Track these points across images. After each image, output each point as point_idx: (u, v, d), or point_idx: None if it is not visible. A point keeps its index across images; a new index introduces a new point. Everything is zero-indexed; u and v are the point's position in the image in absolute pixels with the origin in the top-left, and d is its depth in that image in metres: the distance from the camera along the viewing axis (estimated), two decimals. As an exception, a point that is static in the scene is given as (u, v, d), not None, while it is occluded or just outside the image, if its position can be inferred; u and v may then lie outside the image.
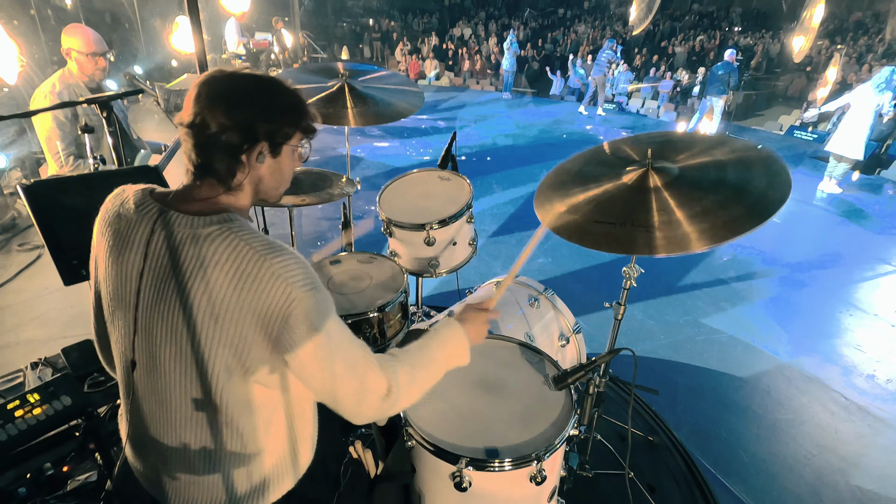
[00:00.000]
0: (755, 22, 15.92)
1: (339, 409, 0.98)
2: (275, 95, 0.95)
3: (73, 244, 1.56)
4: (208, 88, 0.91)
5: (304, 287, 0.89)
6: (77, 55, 2.48)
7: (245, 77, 0.94)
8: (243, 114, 0.91)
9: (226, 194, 0.96)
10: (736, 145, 1.63)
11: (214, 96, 0.90)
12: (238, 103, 0.91)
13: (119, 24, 10.85)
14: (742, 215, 1.36)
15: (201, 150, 0.92)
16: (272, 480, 1.05)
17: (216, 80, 0.92)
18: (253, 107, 0.92)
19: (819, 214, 6.05)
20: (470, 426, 1.38)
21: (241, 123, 0.91)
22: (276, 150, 0.97)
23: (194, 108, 0.90)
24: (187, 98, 0.92)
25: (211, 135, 0.90)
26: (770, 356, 3.35)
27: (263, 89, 0.94)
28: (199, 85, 0.92)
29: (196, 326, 0.90)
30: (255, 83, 0.94)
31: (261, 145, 0.94)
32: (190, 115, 0.90)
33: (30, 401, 1.45)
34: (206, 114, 0.89)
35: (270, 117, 0.94)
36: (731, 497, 2.32)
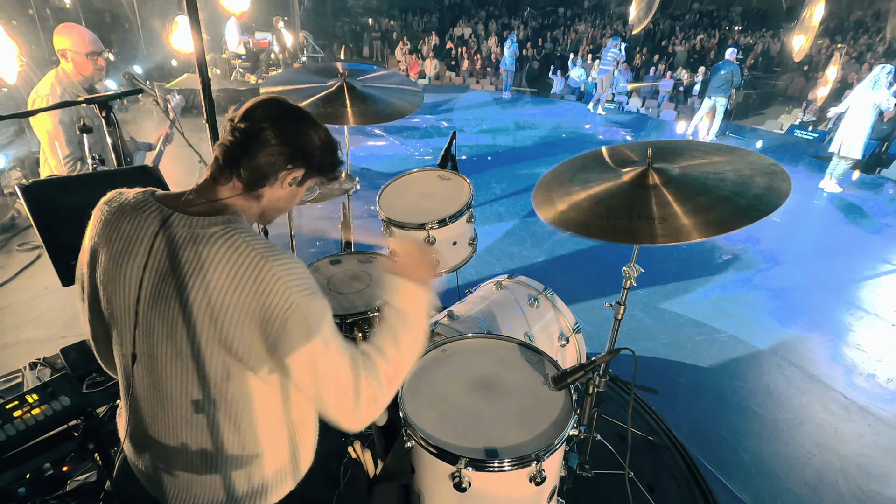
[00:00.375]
0: (755, 21, 15.91)
1: (329, 417, 0.96)
2: (327, 134, 1.04)
3: (72, 245, 1.55)
4: (278, 105, 0.99)
5: (303, 291, 0.89)
6: (74, 55, 2.43)
7: (305, 111, 1.03)
8: (303, 138, 0.99)
9: (242, 198, 0.98)
10: (740, 155, 1.64)
11: (284, 113, 0.98)
12: (302, 128, 0.99)
13: (119, 23, 10.85)
14: (738, 210, 1.37)
15: (248, 150, 0.95)
16: (272, 483, 1.05)
17: (285, 103, 1.00)
18: (311, 137, 1.00)
19: (819, 214, 6.04)
20: (469, 426, 1.38)
21: (299, 146, 0.98)
22: (304, 181, 1.02)
23: (258, 113, 0.96)
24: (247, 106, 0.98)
25: (267, 142, 0.95)
26: (770, 356, 3.35)
27: (320, 126, 1.03)
28: (267, 100, 0.99)
29: (195, 326, 0.90)
30: (314, 119, 1.03)
31: (300, 171, 1.00)
32: (251, 119, 0.96)
33: (28, 401, 1.44)
34: (269, 124, 0.95)
35: (322, 150, 1.01)
36: (731, 497, 2.32)
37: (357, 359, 0.96)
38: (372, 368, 0.97)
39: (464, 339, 1.72)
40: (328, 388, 0.92)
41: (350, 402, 0.93)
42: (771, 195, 1.41)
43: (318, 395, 0.93)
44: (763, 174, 1.50)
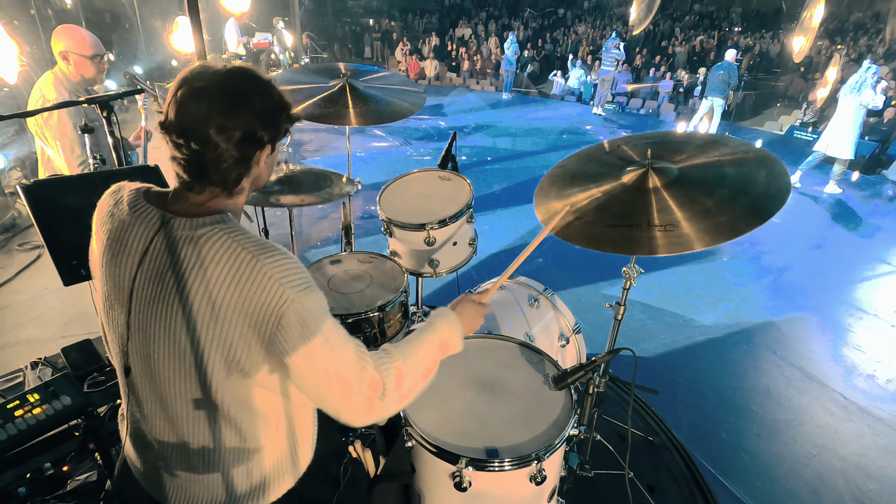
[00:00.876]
0: (755, 22, 15.92)
1: (335, 413, 0.96)
2: (268, 93, 0.92)
3: (73, 244, 1.56)
4: (201, 98, 0.86)
5: (297, 287, 0.88)
6: (77, 58, 2.41)
7: (232, 78, 0.89)
8: (248, 122, 0.88)
9: (225, 198, 0.96)
10: (735, 146, 1.63)
11: (212, 108, 0.86)
12: (239, 111, 0.87)
13: (119, 23, 10.85)
14: (742, 215, 1.36)
15: (208, 164, 0.89)
16: (272, 480, 1.05)
17: (205, 90, 0.86)
18: (255, 112, 0.89)
19: (819, 214, 6.05)
20: (470, 426, 1.38)
21: (249, 133, 0.89)
22: (274, 146, 0.98)
23: (192, 122, 0.86)
24: (171, 105, 0.86)
25: (220, 151, 0.87)
26: (770, 356, 3.35)
27: (256, 89, 0.91)
28: (188, 95, 0.86)
29: (192, 327, 0.90)
30: (246, 83, 0.90)
31: (268, 147, 0.95)
32: (188, 130, 0.86)
33: (30, 400, 1.45)
34: (208, 129, 0.86)
35: (272, 120, 0.93)
36: (730, 497, 2.32)
37: (363, 351, 0.96)
38: (386, 361, 0.98)
39: (464, 338, 1.72)
40: (329, 381, 0.91)
41: (353, 394, 0.93)
42: (772, 190, 1.40)
43: (319, 390, 0.93)
44: (762, 172, 1.49)
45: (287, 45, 12.67)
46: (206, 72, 0.89)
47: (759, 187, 1.43)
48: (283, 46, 12.52)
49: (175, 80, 0.88)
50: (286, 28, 12.36)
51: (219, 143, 0.87)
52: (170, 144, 0.88)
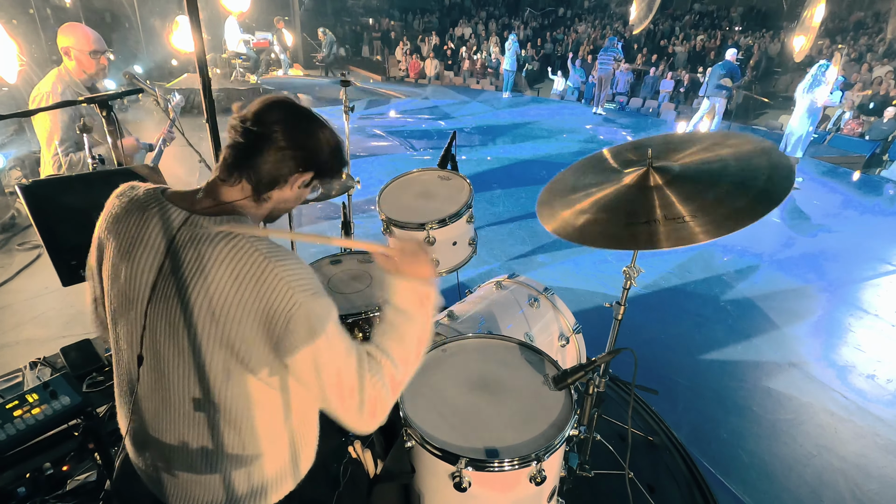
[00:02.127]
0: (756, 21, 15.91)
1: (337, 418, 0.96)
2: (334, 136, 1.04)
3: (72, 244, 1.56)
4: (288, 106, 0.98)
5: (307, 292, 0.89)
6: (78, 54, 2.45)
7: (313, 111, 1.02)
8: (314, 142, 0.99)
9: (250, 200, 0.98)
10: (735, 139, 1.63)
11: (295, 115, 0.97)
12: (313, 131, 0.99)
13: (119, 23, 10.84)
14: (745, 206, 1.35)
15: (258, 153, 0.95)
16: (273, 483, 1.05)
17: (295, 105, 0.99)
18: (321, 140, 1.00)
19: (818, 214, 6.04)
20: (469, 426, 1.38)
21: (309, 149, 0.98)
22: (311, 183, 1.03)
23: (269, 115, 0.95)
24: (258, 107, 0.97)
25: (278, 145, 0.95)
26: (770, 356, 3.35)
27: (328, 128, 1.03)
28: (277, 101, 0.98)
29: (196, 325, 0.91)
30: (323, 121, 1.03)
31: (309, 174, 1.00)
32: (263, 120, 0.94)
33: (29, 400, 1.45)
34: (280, 126, 0.95)
35: (331, 154, 1.02)
36: (731, 497, 2.32)
37: (363, 360, 0.95)
38: (377, 370, 0.96)
39: (464, 339, 1.72)
40: (332, 387, 0.92)
41: (355, 402, 0.93)
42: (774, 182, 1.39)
43: (323, 394, 0.93)
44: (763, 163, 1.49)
45: (287, 45, 12.66)
46: (287, 97, 1.01)
47: (761, 177, 1.43)
48: (283, 46, 12.51)
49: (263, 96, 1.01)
50: (286, 28, 12.35)
51: (276, 143, 0.95)
52: (237, 130, 0.96)
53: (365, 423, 0.95)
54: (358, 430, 0.97)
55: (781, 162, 1.46)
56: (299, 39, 14.49)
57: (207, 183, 1.00)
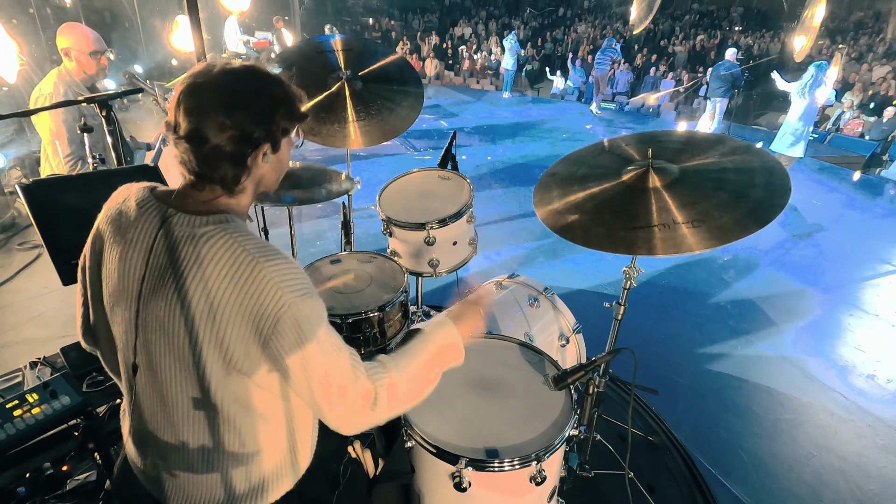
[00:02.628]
0: (756, 21, 15.90)
1: (323, 418, 0.95)
2: (265, 90, 0.92)
3: (72, 244, 1.56)
4: (197, 95, 0.88)
5: (295, 292, 0.88)
6: (78, 54, 2.45)
7: (230, 76, 0.90)
8: (242, 120, 0.88)
9: (227, 197, 0.96)
10: (735, 146, 1.63)
11: (205, 104, 0.87)
12: (232, 109, 0.88)
13: (119, 23, 10.84)
14: (741, 218, 1.36)
15: (203, 162, 0.90)
16: (271, 481, 1.05)
17: (201, 86, 0.88)
18: (249, 110, 0.89)
19: (819, 214, 6.04)
20: (470, 426, 1.38)
21: (242, 131, 0.89)
22: (277, 147, 0.96)
23: (187, 117, 0.87)
24: (174, 103, 0.89)
25: (212, 146, 0.88)
26: (770, 356, 3.35)
27: (252, 88, 0.91)
28: (186, 92, 0.88)
29: (190, 325, 0.90)
30: (242, 82, 0.91)
31: (264, 147, 0.93)
32: (185, 125, 0.87)
33: (29, 400, 1.44)
34: (200, 124, 0.87)
35: (269, 117, 0.92)
36: (731, 497, 2.32)
37: (357, 360, 0.95)
38: (379, 372, 0.95)
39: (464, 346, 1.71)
40: (322, 387, 0.90)
41: (345, 400, 0.92)
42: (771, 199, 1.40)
43: (312, 395, 0.91)
44: (762, 175, 1.50)
45: (287, 45, 12.64)
46: (206, 70, 0.90)
47: (758, 190, 1.44)
48: (282, 46, 12.50)
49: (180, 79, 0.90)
50: (286, 28, 12.35)
51: (211, 140, 0.88)
52: (171, 140, 0.91)
53: (352, 422, 0.94)
54: (345, 431, 0.95)
55: (780, 177, 1.47)
56: (299, 39, 14.48)
57: (183, 185, 0.96)
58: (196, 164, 0.91)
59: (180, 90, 0.89)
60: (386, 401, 0.95)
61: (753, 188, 1.45)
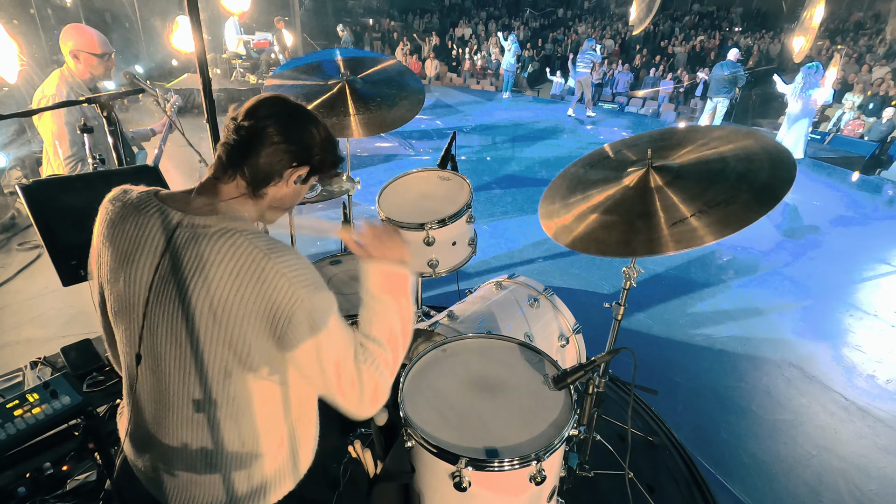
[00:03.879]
0: (756, 22, 15.91)
1: (337, 405, 0.98)
2: (327, 131, 1.04)
3: (72, 244, 1.56)
4: (280, 102, 0.99)
5: (308, 287, 0.91)
6: (86, 56, 2.44)
7: (305, 107, 1.03)
8: (307, 136, 0.99)
9: (245, 198, 0.99)
10: (736, 135, 1.63)
11: (287, 110, 0.98)
12: (305, 125, 0.99)
13: (119, 23, 10.85)
14: (748, 203, 1.35)
15: (252, 149, 0.95)
16: (272, 483, 1.05)
17: (287, 101, 1.00)
18: (314, 134, 1.00)
19: (818, 215, 6.04)
20: (469, 426, 1.38)
21: (303, 144, 0.99)
22: (307, 179, 1.03)
23: (261, 111, 0.96)
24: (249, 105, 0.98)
25: (271, 141, 0.95)
26: (770, 356, 3.35)
27: (321, 124, 1.03)
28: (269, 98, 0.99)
29: (197, 325, 0.91)
30: (314, 115, 1.03)
31: (304, 169, 1.00)
32: (255, 117, 0.95)
33: (29, 400, 1.45)
34: (273, 122, 0.95)
35: (324, 148, 1.02)
36: (730, 497, 2.32)
37: (358, 351, 0.98)
38: (370, 357, 0.99)
39: (464, 339, 1.72)
40: (333, 378, 0.94)
41: (356, 391, 0.96)
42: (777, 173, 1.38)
43: (326, 385, 0.95)
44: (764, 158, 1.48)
45: (287, 46, 12.65)
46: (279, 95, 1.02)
47: (762, 173, 1.42)
48: (282, 46, 12.51)
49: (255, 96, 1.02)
50: (287, 28, 12.35)
51: (269, 139, 0.95)
52: (230, 128, 0.97)
53: (367, 409, 0.99)
54: (361, 417, 1.00)
55: (781, 153, 1.46)
56: (299, 39, 14.48)
57: (202, 182, 1.00)
58: (241, 152, 0.96)
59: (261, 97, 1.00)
60: (388, 377, 1.00)
61: (757, 171, 1.43)
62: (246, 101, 0.99)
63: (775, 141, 1.55)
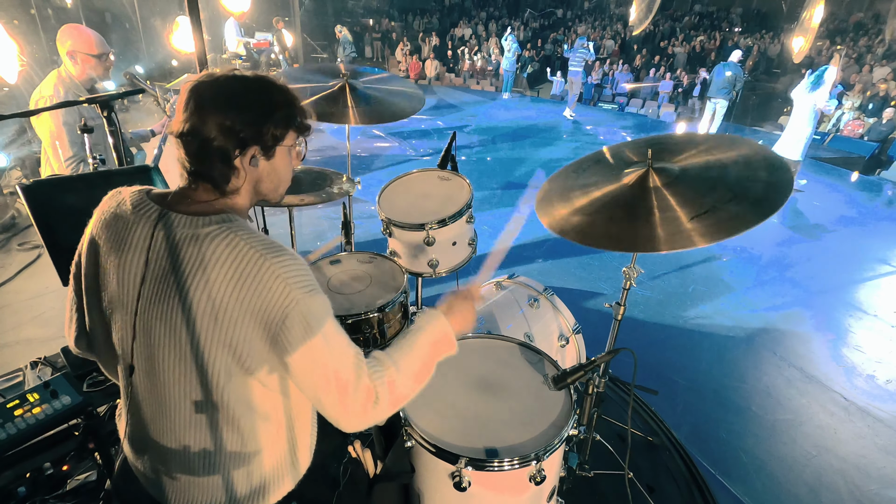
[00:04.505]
0: (755, 23, 15.91)
1: (326, 414, 0.96)
2: (263, 96, 0.94)
3: (72, 244, 1.54)
4: (196, 94, 0.90)
5: (303, 288, 0.89)
6: (84, 56, 2.43)
7: (232, 79, 0.93)
8: (231, 119, 0.90)
9: (222, 198, 0.96)
10: (735, 143, 1.63)
11: (202, 102, 0.90)
12: (225, 108, 0.90)
13: (119, 23, 10.85)
14: (744, 212, 1.36)
15: (194, 157, 0.92)
16: (272, 482, 1.05)
17: (203, 85, 0.91)
18: (240, 111, 0.91)
19: (818, 215, 6.05)
20: (469, 426, 1.38)
21: (230, 129, 0.90)
22: (270, 153, 0.97)
23: (183, 115, 0.90)
24: (178, 104, 0.92)
25: (202, 142, 0.90)
26: (769, 356, 3.35)
27: (251, 91, 0.93)
28: (187, 91, 0.91)
29: (195, 327, 0.90)
30: (243, 85, 0.93)
31: (252, 149, 0.94)
32: (180, 123, 0.90)
33: (29, 400, 1.45)
34: (194, 121, 0.89)
35: (258, 120, 0.92)
36: (730, 497, 2.32)
37: (360, 358, 0.96)
38: (378, 370, 0.97)
39: (464, 339, 1.72)
40: (328, 384, 0.91)
41: (349, 400, 0.93)
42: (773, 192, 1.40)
43: (316, 392, 0.93)
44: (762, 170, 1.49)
45: (287, 46, 12.66)
46: (211, 73, 0.94)
47: (759, 184, 1.43)
48: (282, 47, 12.51)
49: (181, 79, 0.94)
50: (286, 28, 12.36)
51: (202, 135, 0.89)
52: (174, 143, 0.93)
53: (357, 420, 0.95)
54: (349, 429, 0.96)
55: (780, 168, 1.46)
56: (299, 40, 14.48)
57: (179, 187, 0.97)
58: (188, 161, 0.93)
59: (186, 88, 0.91)
60: (387, 398, 0.96)
61: (754, 181, 1.45)
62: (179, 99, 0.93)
63: (771, 150, 1.55)
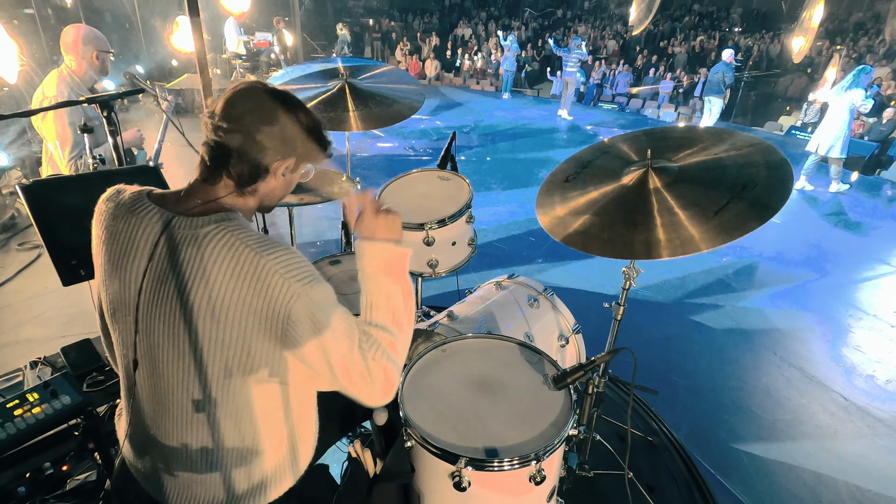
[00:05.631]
0: (755, 22, 15.91)
1: (353, 396, 0.96)
2: (311, 116, 1.00)
3: (72, 244, 1.56)
4: (256, 94, 0.95)
5: (302, 281, 0.89)
6: (104, 55, 2.48)
7: (286, 94, 0.98)
8: (289, 127, 0.96)
9: (236, 195, 0.97)
10: (735, 141, 1.63)
11: (265, 101, 0.94)
12: (286, 115, 0.95)
13: (119, 23, 10.85)
14: (745, 212, 1.36)
15: (234, 149, 0.93)
16: (272, 479, 1.05)
17: (263, 90, 0.96)
18: (296, 123, 0.97)
19: (818, 215, 6.05)
20: (469, 426, 1.38)
21: (286, 135, 0.96)
22: (297, 168, 1.01)
23: (239, 106, 0.93)
24: (225, 101, 0.94)
25: (252, 137, 0.92)
26: (769, 357, 3.35)
27: (303, 110, 0.99)
28: (244, 90, 0.95)
29: (197, 327, 0.90)
30: (295, 102, 0.99)
31: (291, 160, 0.98)
32: (229, 117, 0.92)
33: (29, 400, 1.45)
34: (252, 117, 0.92)
35: (310, 134, 0.99)
36: (730, 497, 2.32)
37: (362, 340, 0.96)
38: (374, 343, 0.96)
39: (464, 339, 1.72)
40: (342, 370, 0.92)
41: (366, 380, 0.94)
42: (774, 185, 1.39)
43: (335, 377, 0.93)
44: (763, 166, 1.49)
45: (287, 46, 12.65)
46: (256, 83, 0.98)
47: (760, 182, 1.43)
48: (282, 47, 12.51)
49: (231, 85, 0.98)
50: (286, 28, 12.36)
51: (250, 135, 0.93)
52: (209, 128, 0.94)
53: (380, 395, 0.96)
54: (375, 405, 0.97)
55: (780, 165, 1.46)
56: (299, 40, 14.48)
57: (189, 184, 0.99)
58: (224, 154, 0.93)
59: (233, 91, 0.95)
60: (396, 360, 0.98)
61: (755, 181, 1.44)
62: (221, 95, 0.96)
63: (773, 147, 1.55)
